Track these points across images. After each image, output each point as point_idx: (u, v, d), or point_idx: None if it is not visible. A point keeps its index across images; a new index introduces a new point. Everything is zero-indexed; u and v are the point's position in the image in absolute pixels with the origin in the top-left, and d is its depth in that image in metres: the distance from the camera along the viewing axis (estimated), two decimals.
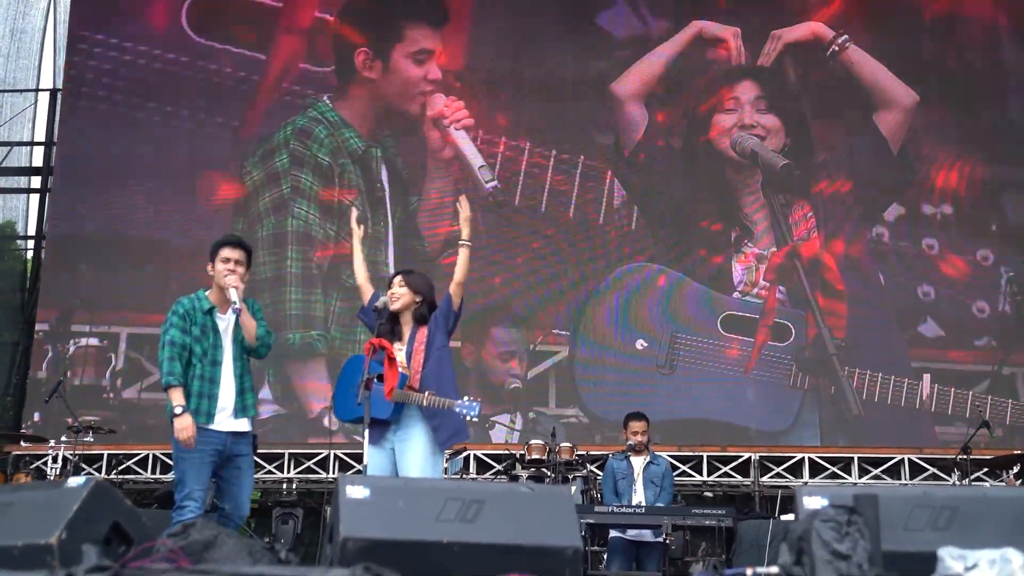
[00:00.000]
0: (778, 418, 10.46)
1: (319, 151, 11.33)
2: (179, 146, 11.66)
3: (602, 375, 10.70)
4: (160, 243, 11.32)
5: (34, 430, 10.55)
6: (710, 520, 6.96)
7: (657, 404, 9.95)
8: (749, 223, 10.89)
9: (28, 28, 13.17)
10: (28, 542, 3.24)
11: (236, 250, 5.47)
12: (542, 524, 3.57)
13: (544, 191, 11.15)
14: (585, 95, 11.46)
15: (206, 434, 5.29)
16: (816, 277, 10.68)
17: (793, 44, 11.33)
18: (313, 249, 11.15)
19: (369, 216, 10.96)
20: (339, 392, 5.73)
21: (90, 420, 9.10)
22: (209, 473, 5.31)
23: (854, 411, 10.36)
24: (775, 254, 10.78)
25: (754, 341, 10.55)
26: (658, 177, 11.25)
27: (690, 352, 10.56)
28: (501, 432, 10.51)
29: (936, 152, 11.10)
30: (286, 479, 10.65)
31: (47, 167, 12.70)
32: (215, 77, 11.76)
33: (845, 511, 2.85)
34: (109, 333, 11.15)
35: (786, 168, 10.93)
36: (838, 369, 10.41)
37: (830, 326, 10.50)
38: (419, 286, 5.70)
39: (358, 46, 11.57)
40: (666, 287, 10.84)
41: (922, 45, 11.52)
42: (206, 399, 5.34)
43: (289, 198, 11.27)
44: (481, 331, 10.82)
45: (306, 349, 10.84)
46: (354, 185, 11.27)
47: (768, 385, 10.47)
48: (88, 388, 11.04)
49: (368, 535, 3.38)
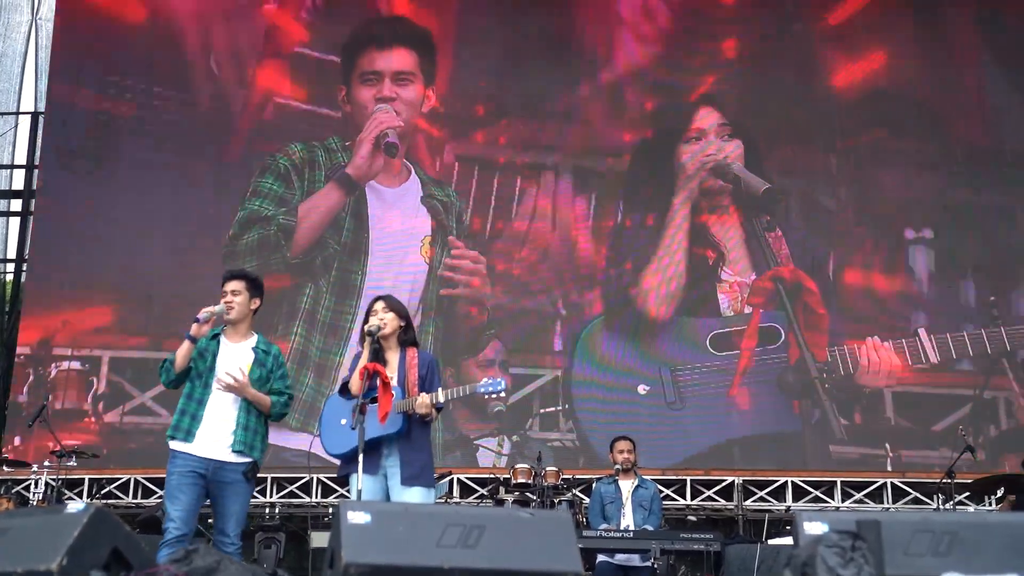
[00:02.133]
0: (788, 418, 10.54)
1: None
2: (163, 175, 11.67)
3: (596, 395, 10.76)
4: (142, 266, 11.28)
5: (14, 454, 10.46)
6: (698, 544, 6.99)
7: (671, 436, 10.32)
8: (723, 248, 10.97)
9: (9, 52, 13.14)
10: (29, 568, 3.23)
11: (231, 282, 5.57)
12: (543, 549, 3.58)
13: (521, 212, 11.34)
14: (566, 118, 11.58)
15: (184, 457, 5.31)
16: (798, 301, 10.75)
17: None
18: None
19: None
20: (325, 431, 5.67)
21: (73, 445, 9.04)
22: (191, 495, 5.28)
23: (837, 435, 10.42)
24: (758, 279, 10.86)
25: (739, 355, 10.63)
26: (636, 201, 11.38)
27: (695, 381, 10.63)
28: (488, 456, 10.49)
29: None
30: (268, 503, 10.60)
31: (28, 190, 12.64)
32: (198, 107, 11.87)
33: (849, 536, 2.88)
34: (91, 356, 11.08)
35: (768, 192, 11.02)
36: (821, 393, 10.47)
37: (813, 351, 10.57)
38: (401, 310, 5.70)
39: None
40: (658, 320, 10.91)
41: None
42: (188, 417, 5.37)
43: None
44: (465, 352, 10.90)
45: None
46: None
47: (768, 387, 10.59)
48: (70, 412, 10.96)
49: (370, 560, 3.38)
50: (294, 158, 11.46)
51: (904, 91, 11.51)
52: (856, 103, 11.47)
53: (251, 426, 5.45)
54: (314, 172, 11.44)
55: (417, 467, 5.37)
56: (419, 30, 11.85)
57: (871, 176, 11.32)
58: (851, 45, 11.62)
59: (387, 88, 11.53)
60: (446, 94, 11.74)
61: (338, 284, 11.09)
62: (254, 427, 5.47)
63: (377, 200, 11.32)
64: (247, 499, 5.48)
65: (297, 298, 11.02)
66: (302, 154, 11.50)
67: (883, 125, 11.37)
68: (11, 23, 13.21)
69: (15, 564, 3.27)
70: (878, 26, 11.59)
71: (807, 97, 11.57)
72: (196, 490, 5.30)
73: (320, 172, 11.43)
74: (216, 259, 10.85)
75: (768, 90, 11.56)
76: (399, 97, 11.53)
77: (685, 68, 11.73)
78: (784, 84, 11.60)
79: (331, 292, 11.06)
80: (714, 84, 11.57)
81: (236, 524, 5.34)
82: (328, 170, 11.43)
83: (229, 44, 12.05)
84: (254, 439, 5.46)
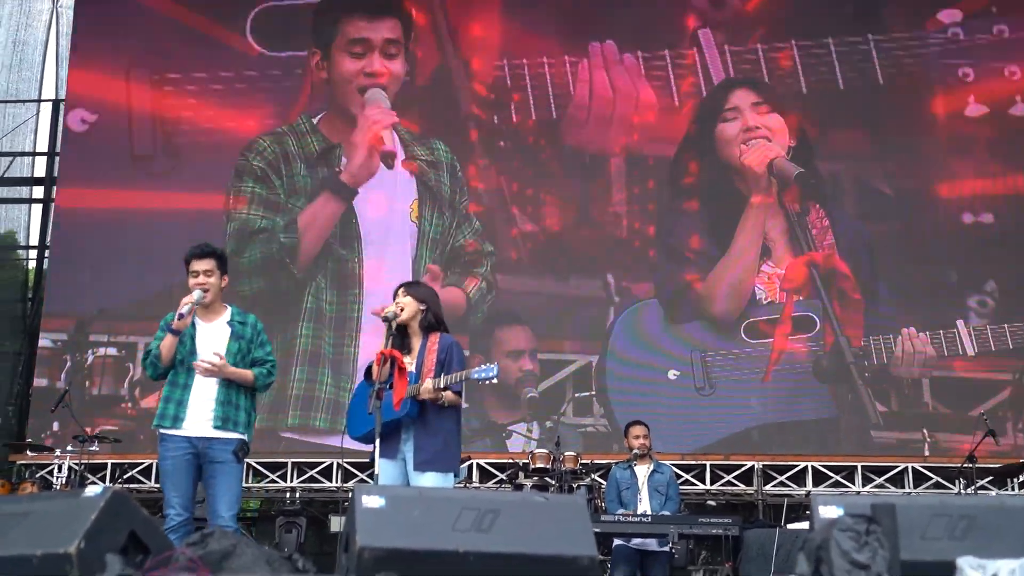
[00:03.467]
0: (824, 405, 10.51)
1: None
2: (185, 157, 11.71)
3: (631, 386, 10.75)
4: (161, 255, 11.30)
5: (52, 440, 10.51)
6: (716, 529, 6.98)
7: (702, 420, 10.33)
8: (767, 241, 10.89)
9: (31, 40, 13.22)
10: (47, 551, 3.24)
11: (202, 261, 5.46)
12: (557, 533, 3.57)
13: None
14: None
15: (173, 439, 5.29)
16: (833, 286, 10.69)
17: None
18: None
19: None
20: (350, 415, 5.72)
21: (111, 430, 9.11)
22: (186, 478, 5.27)
23: (872, 419, 10.37)
24: (791, 264, 10.79)
25: (772, 345, 10.59)
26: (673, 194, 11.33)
27: (724, 367, 10.60)
28: (519, 441, 10.49)
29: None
30: (289, 488, 10.65)
31: (49, 177, 12.72)
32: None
33: (863, 520, 2.86)
34: (127, 343, 11.16)
35: (801, 177, 10.94)
36: (856, 377, 10.42)
37: (848, 335, 10.51)
38: (422, 295, 5.70)
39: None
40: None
41: None
42: (174, 404, 5.34)
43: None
44: (488, 335, 10.90)
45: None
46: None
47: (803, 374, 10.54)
48: (107, 398, 11.10)
49: (384, 544, 3.38)
50: (266, 154, 11.45)
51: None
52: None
53: (232, 400, 5.37)
54: (291, 166, 11.44)
55: (429, 452, 5.37)
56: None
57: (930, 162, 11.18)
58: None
59: (377, 62, 11.48)
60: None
61: (337, 276, 11.12)
62: (235, 401, 5.38)
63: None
64: (239, 479, 5.39)
65: (299, 299, 11.07)
66: (273, 148, 11.48)
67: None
68: (32, 11, 13.29)
69: (34, 548, 3.29)
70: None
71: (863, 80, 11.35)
72: (191, 471, 5.28)
73: (298, 164, 11.42)
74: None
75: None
76: (388, 72, 11.47)
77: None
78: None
79: (331, 286, 11.09)
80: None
81: (229, 505, 5.24)
82: (307, 157, 11.41)
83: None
84: (236, 414, 5.37)
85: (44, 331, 11.49)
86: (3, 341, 12.48)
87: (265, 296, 11.07)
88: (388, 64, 11.54)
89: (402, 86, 11.57)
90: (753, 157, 10.99)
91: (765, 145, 11.00)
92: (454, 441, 5.52)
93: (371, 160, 11.27)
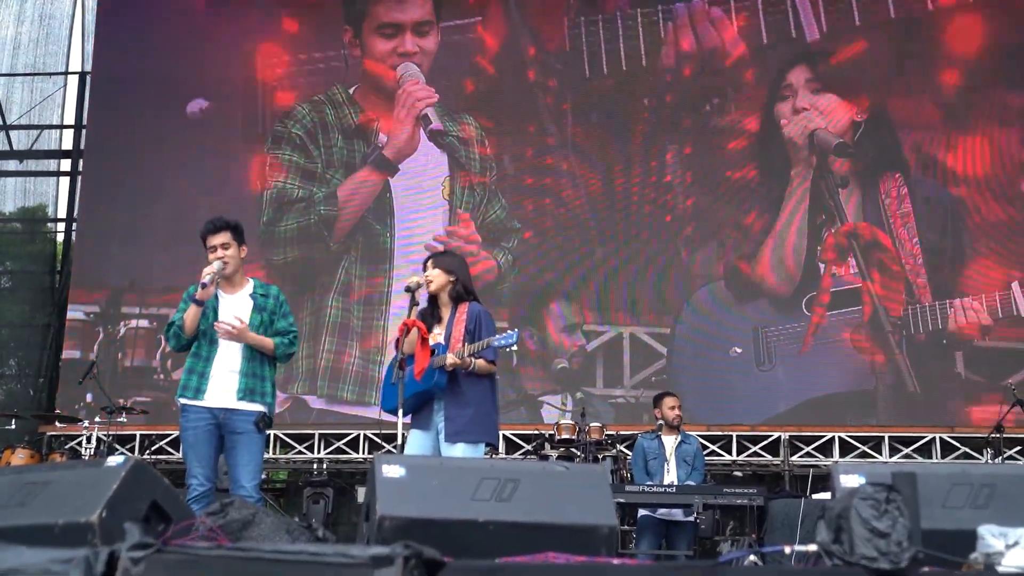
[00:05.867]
0: (862, 376, 10.47)
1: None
2: (210, 126, 11.76)
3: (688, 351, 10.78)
4: (189, 225, 11.33)
5: (86, 411, 10.59)
6: (741, 499, 6.95)
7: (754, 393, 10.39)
8: (810, 212, 10.82)
9: (57, 14, 13.24)
10: (69, 520, 3.27)
11: (218, 234, 5.46)
12: (577, 503, 3.57)
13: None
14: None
15: (195, 411, 5.33)
16: (872, 257, 10.61)
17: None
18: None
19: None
20: (385, 387, 5.73)
21: (144, 401, 9.19)
22: (207, 449, 5.31)
23: (909, 388, 10.32)
24: (831, 236, 10.72)
25: (810, 318, 10.55)
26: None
27: (781, 341, 10.57)
28: (553, 413, 10.50)
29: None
30: (316, 459, 10.72)
31: (76, 150, 12.78)
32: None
33: (884, 489, 2.84)
34: (158, 315, 11.22)
35: (840, 147, 10.86)
36: (894, 347, 10.37)
37: (886, 307, 10.45)
38: (450, 265, 5.68)
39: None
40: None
41: None
42: (196, 375, 5.37)
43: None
44: (538, 310, 10.91)
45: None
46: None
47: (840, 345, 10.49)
48: (140, 369, 11.21)
49: (405, 514, 3.40)
50: (304, 122, 11.49)
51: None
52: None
53: (256, 372, 5.40)
54: (329, 136, 11.47)
55: (460, 423, 5.35)
56: None
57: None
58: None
59: (409, 42, 11.47)
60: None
61: (369, 250, 11.15)
62: (259, 373, 5.42)
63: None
64: (260, 450, 5.41)
65: (331, 270, 11.14)
66: (311, 116, 11.53)
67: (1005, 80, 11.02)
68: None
69: (56, 516, 3.32)
70: None
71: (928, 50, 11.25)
72: (213, 441, 5.32)
73: (335, 134, 11.46)
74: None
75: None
76: (420, 50, 11.47)
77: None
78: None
79: (363, 260, 11.12)
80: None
81: (251, 476, 5.27)
82: (344, 128, 11.43)
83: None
84: (261, 385, 5.41)
85: (74, 304, 11.56)
86: (33, 313, 12.59)
87: (297, 265, 11.15)
88: (420, 42, 11.55)
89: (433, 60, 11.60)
90: (794, 128, 10.95)
91: (806, 117, 10.97)
92: (485, 411, 5.46)
93: (413, 137, 11.34)
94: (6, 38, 13.11)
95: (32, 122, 13.05)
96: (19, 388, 12.47)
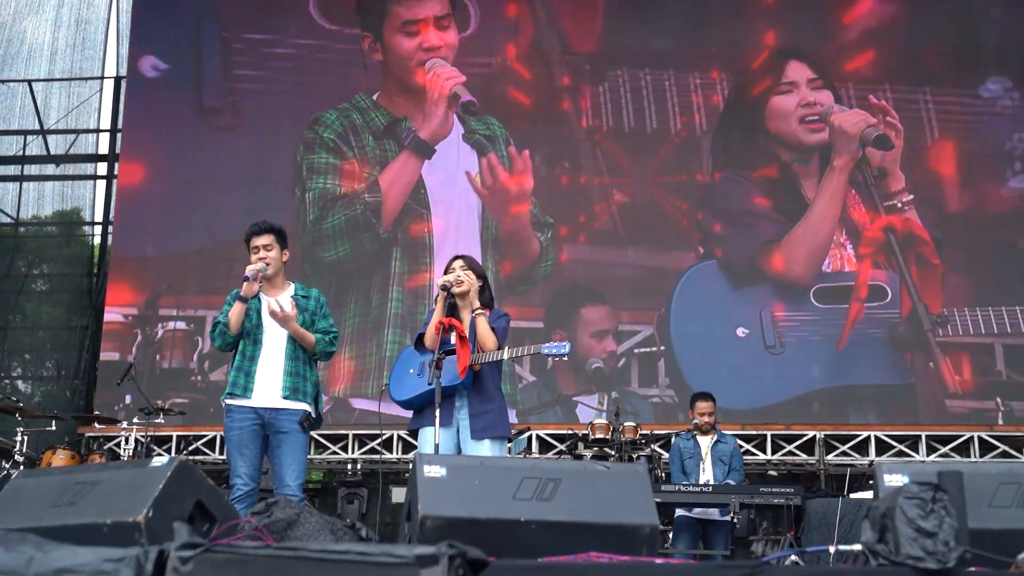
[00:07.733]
0: (901, 372, 10.42)
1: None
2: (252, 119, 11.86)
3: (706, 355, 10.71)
4: (224, 229, 11.39)
5: (125, 412, 10.68)
6: (778, 499, 6.93)
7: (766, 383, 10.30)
8: (846, 204, 10.81)
9: (92, 18, 13.38)
10: (116, 519, 3.31)
11: (261, 236, 5.58)
12: (618, 502, 3.57)
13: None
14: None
15: (240, 411, 5.40)
16: (911, 251, 10.55)
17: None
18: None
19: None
20: (393, 378, 5.73)
21: (181, 403, 9.29)
22: (254, 449, 5.38)
23: (950, 388, 10.25)
24: (868, 228, 10.66)
25: (848, 311, 10.49)
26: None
27: (793, 329, 10.51)
28: (588, 413, 10.50)
29: None
30: (350, 459, 10.76)
31: (112, 154, 12.89)
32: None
33: (930, 488, 2.82)
34: (195, 317, 11.32)
35: (880, 139, 10.81)
36: (934, 345, 10.30)
37: (926, 302, 10.38)
38: (479, 270, 5.74)
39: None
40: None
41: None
42: (243, 374, 5.45)
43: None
44: (572, 312, 10.93)
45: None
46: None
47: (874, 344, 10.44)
48: (177, 371, 11.27)
49: (446, 514, 3.40)
50: (335, 127, 11.57)
51: None
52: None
53: (299, 372, 5.49)
54: (360, 136, 11.51)
55: (486, 420, 5.40)
56: None
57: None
58: None
59: (433, 36, 11.53)
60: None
61: (407, 245, 11.19)
62: (302, 372, 5.50)
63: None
64: (304, 449, 5.48)
65: (388, 263, 11.16)
66: (341, 121, 11.60)
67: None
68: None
69: (104, 516, 3.36)
70: None
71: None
72: (257, 441, 5.39)
73: (366, 135, 11.49)
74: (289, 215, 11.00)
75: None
76: (444, 44, 11.53)
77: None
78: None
79: (403, 256, 11.13)
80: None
81: (296, 475, 5.34)
82: (374, 130, 11.48)
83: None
84: (304, 384, 5.49)
85: (111, 306, 11.66)
86: (70, 316, 12.71)
87: (349, 260, 11.22)
88: (443, 36, 11.59)
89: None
90: (848, 120, 10.92)
91: (858, 111, 10.95)
92: (502, 407, 5.58)
93: (448, 118, 11.40)
94: (43, 44, 13.25)
95: (69, 127, 13.18)
96: (56, 390, 12.58)
